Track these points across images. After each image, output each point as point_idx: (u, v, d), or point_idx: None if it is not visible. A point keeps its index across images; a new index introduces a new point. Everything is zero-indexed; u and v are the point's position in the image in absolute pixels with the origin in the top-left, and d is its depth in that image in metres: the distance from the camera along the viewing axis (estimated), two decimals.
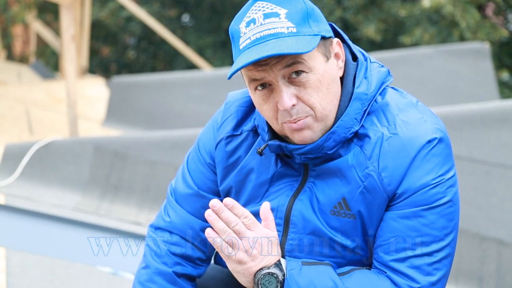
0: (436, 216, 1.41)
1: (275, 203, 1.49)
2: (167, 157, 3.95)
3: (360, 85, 1.43)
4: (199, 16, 12.06)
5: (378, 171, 1.42)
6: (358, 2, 9.61)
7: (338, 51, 1.43)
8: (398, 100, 1.47)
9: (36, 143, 3.99)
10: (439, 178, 1.41)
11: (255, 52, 1.35)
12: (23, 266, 2.80)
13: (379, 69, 1.48)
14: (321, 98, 1.39)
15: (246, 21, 1.38)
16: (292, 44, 1.35)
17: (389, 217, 1.43)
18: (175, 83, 6.59)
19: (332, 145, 1.42)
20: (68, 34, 4.88)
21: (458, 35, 8.45)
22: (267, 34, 1.36)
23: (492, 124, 3.64)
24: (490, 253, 3.43)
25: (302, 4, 1.39)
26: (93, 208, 3.82)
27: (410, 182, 1.41)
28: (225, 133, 1.54)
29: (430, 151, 1.41)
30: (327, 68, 1.40)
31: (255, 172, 1.50)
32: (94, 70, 11.93)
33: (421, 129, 1.42)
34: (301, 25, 1.37)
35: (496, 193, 3.53)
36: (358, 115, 1.42)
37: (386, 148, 1.42)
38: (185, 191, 1.58)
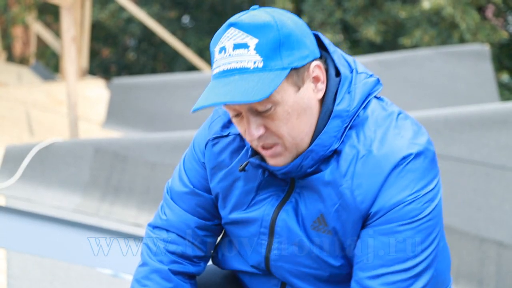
0: (412, 232, 1.39)
1: (260, 212, 1.49)
2: (167, 159, 3.96)
3: (341, 102, 1.40)
4: (199, 17, 12.07)
5: (351, 189, 1.40)
6: (358, 3, 9.62)
7: (317, 74, 1.39)
8: (378, 113, 1.44)
9: (36, 145, 4.00)
10: (415, 194, 1.39)
11: (217, 88, 1.34)
12: (23, 267, 2.81)
13: (366, 80, 1.45)
14: (289, 129, 1.38)
15: (220, 46, 1.37)
16: (252, 86, 1.32)
17: (365, 234, 1.41)
18: (175, 85, 6.60)
19: (311, 163, 1.41)
20: (68, 35, 4.88)
21: (458, 36, 8.46)
22: (233, 67, 1.34)
23: (492, 126, 3.65)
24: (490, 254, 3.43)
25: (275, 33, 1.34)
26: (93, 209, 3.82)
27: (384, 200, 1.39)
28: (212, 134, 1.55)
29: (404, 168, 1.39)
30: (297, 98, 1.37)
31: (242, 179, 1.50)
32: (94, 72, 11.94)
33: (396, 146, 1.39)
34: (270, 58, 1.34)
35: (496, 194, 3.53)
36: (338, 132, 1.40)
37: (360, 166, 1.40)
38: (181, 189, 1.59)
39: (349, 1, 9.74)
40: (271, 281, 1.55)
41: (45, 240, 3.26)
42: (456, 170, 3.59)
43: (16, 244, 3.09)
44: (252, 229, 1.50)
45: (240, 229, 1.53)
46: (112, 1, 10.80)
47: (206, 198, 1.57)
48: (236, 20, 1.37)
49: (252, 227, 1.50)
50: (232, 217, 1.53)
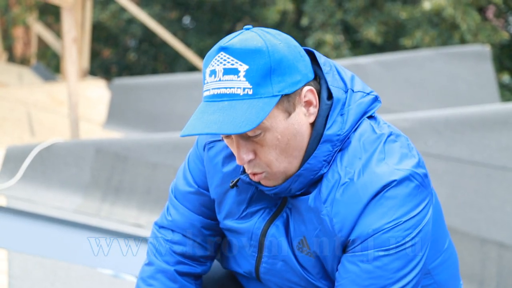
0: (390, 259, 1.37)
1: (251, 224, 1.49)
2: (168, 159, 3.96)
3: (332, 126, 1.38)
4: (200, 18, 12.07)
5: (330, 216, 1.39)
6: (359, 4, 9.62)
7: (309, 99, 1.37)
8: (367, 136, 1.41)
9: (37, 145, 4.00)
10: (394, 222, 1.36)
11: (205, 114, 1.33)
12: (24, 268, 2.81)
13: (362, 100, 1.42)
14: (278, 154, 1.37)
15: (210, 69, 1.36)
16: (241, 114, 1.31)
17: (344, 259, 1.40)
18: (176, 85, 6.60)
19: (299, 187, 1.41)
20: (69, 36, 4.88)
21: (458, 37, 8.46)
22: (223, 93, 1.33)
23: (493, 127, 3.65)
24: (491, 255, 3.43)
25: (266, 59, 1.32)
26: (94, 210, 3.83)
27: (362, 228, 1.37)
28: (209, 137, 1.55)
29: (384, 195, 1.36)
30: (287, 124, 1.36)
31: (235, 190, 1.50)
32: (95, 72, 11.94)
33: (378, 174, 1.37)
34: (260, 85, 1.32)
35: (497, 195, 3.53)
36: (328, 156, 1.39)
37: (340, 194, 1.38)
38: (185, 189, 1.59)
39: (350, 2, 9.74)
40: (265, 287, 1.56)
41: (46, 240, 3.27)
42: (457, 171, 3.59)
43: (17, 244, 3.09)
44: (243, 239, 1.51)
45: (233, 237, 1.54)
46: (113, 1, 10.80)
47: (211, 198, 1.57)
48: (226, 44, 1.35)
49: (243, 238, 1.51)
50: (225, 224, 1.53)
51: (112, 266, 3.03)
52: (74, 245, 3.25)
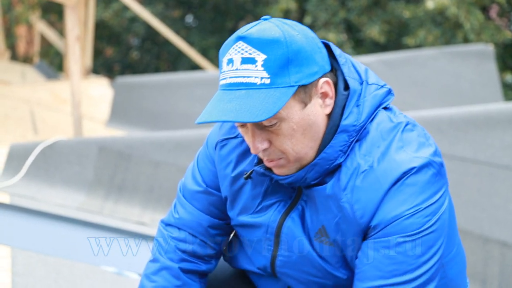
0: (412, 245, 1.38)
1: (266, 218, 1.49)
2: (171, 158, 3.96)
3: (348, 116, 1.39)
4: (203, 16, 12.07)
5: (351, 203, 1.40)
6: (362, 3, 9.61)
7: (326, 90, 1.38)
8: (384, 125, 1.42)
9: (40, 143, 4.00)
10: (414, 208, 1.37)
11: (222, 102, 1.34)
12: (27, 265, 2.81)
13: (376, 92, 1.43)
14: (294, 144, 1.38)
15: (228, 57, 1.36)
16: (257, 104, 1.31)
17: (365, 245, 1.41)
18: (179, 84, 6.60)
19: (315, 176, 1.41)
20: (72, 34, 4.89)
21: (462, 36, 8.45)
22: (240, 82, 1.34)
23: (496, 126, 3.65)
24: (494, 254, 3.43)
25: (284, 50, 1.33)
26: (97, 208, 3.83)
27: (383, 214, 1.38)
28: (221, 136, 1.55)
29: (404, 182, 1.38)
30: (303, 115, 1.36)
31: (249, 183, 1.50)
32: (98, 71, 11.95)
33: (398, 161, 1.38)
34: (278, 75, 1.33)
35: (500, 194, 3.53)
36: (343, 147, 1.40)
37: (360, 181, 1.39)
38: (194, 188, 1.59)
39: (353, 0, 9.74)
40: (278, 283, 1.56)
41: (49, 238, 3.27)
42: (461, 170, 3.59)
43: (20, 242, 3.10)
44: (258, 234, 1.51)
45: (247, 233, 1.53)
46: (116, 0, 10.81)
47: (219, 197, 1.57)
48: (245, 34, 1.35)
49: (258, 232, 1.51)
50: (240, 220, 1.53)
51: (115, 264, 3.03)
52: (77, 243, 3.25)
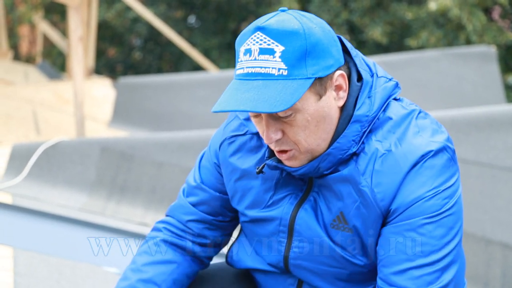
0: (433, 226, 1.41)
1: (279, 211, 1.50)
2: (174, 158, 3.96)
3: (361, 107, 1.42)
4: (205, 17, 12.08)
5: (371, 187, 1.42)
6: (364, 4, 9.61)
7: (340, 83, 1.41)
8: (397, 113, 1.46)
9: (43, 144, 4.01)
10: (434, 190, 1.41)
11: (239, 92, 1.35)
12: (30, 265, 2.82)
13: (386, 84, 1.46)
14: (307, 135, 1.39)
15: (245, 47, 1.38)
16: (275, 95, 1.33)
17: (387, 231, 1.43)
18: (181, 84, 6.61)
19: (328, 166, 1.43)
20: (76, 35, 4.89)
21: (464, 38, 8.45)
22: (257, 72, 1.35)
23: (498, 128, 3.64)
24: (496, 256, 3.43)
25: (302, 42, 1.35)
26: (99, 208, 3.83)
27: (403, 197, 1.41)
28: (228, 133, 1.56)
29: (423, 165, 1.41)
30: (318, 107, 1.38)
31: (260, 178, 1.52)
32: (100, 71, 11.96)
33: (415, 144, 1.42)
34: (295, 66, 1.35)
35: (503, 196, 3.53)
36: (356, 137, 1.42)
37: (379, 164, 1.42)
38: (191, 184, 1.64)
39: (356, 2, 9.74)
40: (287, 280, 1.56)
41: (51, 238, 3.27)
42: (463, 172, 3.59)
43: (22, 242, 3.10)
44: (271, 227, 1.52)
45: (259, 228, 1.54)
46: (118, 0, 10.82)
47: (212, 195, 1.60)
48: (263, 24, 1.37)
49: (270, 226, 1.52)
50: (251, 215, 1.54)
51: (117, 265, 3.03)
52: (79, 243, 3.25)
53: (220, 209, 1.62)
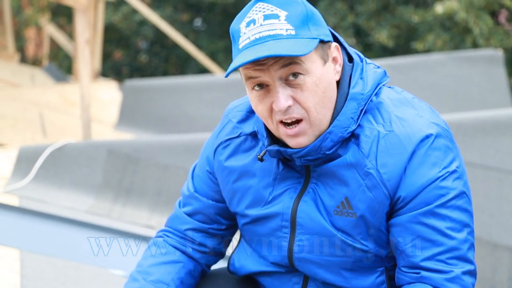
0: (450, 210, 1.42)
1: (279, 206, 1.51)
2: (179, 161, 3.97)
3: (355, 86, 1.45)
4: (212, 20, 12.09)
5: (376, 168, 1.43)
6: (370, 7, 9.61)
7: (336, 55, 1.44)
8: (392, 97, 1.48)
9: (50, 146, 4.02)
10: (443, 171, 1.42)
11: (253, 52, 1.36)
12: (36, 268, 2.82)
13: (375, 69, 1.50)
14: (316, 102, 1.41)
15: (247, 21, 1.40)
16: (289, 46, 1.36)
17: (404, 220, 1.44)
18: (187, 87, 6.62)
19: (330, 145, 1.43)
20: (82, 38, 4.91)
21: (471, 41, 8.44)
22: (266, 35, 1.37)
23: (505, 131, 3.64)
24: (503, 261, 3.42)
25: (303, 7, 1.40)
26: (105, 211, 3.84)
27: (415, 179, 1.42)
28: (223, 138, 1.57)
29: (430, 146, 1.42)
30: (324, 72, 1.41)
31: (257, 176, 1.52)
32: (107, 74, 11.98)
33: (417, 125, 1.44)
34: (300, 28, 1.39)
35: (509, 200, 3.52)
36: (354, 114, 1.43)
37: (383, 145, 1.43)
38: (185, 193, 1.65)
39: (362, 5, 9.74)
40: (292, 280, 1.56)
41: (57, 240, 3.28)
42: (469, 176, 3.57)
43: (29, 244, 3.11)
44: (273, 224, 1.52)
45: (260, 227, 1.54)
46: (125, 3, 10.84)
47: (205, 203, 1.62)
48: None
49: (273, 223, 1.52)
50: (252, 215, 1.54)
51: (123, 267, 3.04)
52: (85, 246, 3.26)
53: (215, 217, 1.62)
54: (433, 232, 1.42)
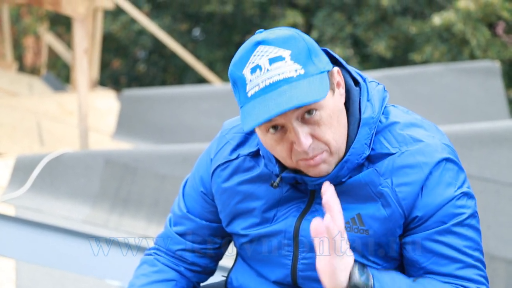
0: (466, 229, 1.43)
1: (282, 225, 1.50)
2: (177, 171, 3.96)
3: (366, 110, 1.44)
4: (210, 30, 12.11)
5: (392, 187, 1.43)
6: (368, 18, 9.64)
7: (338, 80, 1.43)
8: (402, 117, 1.48)
9: (47, 155, 4.01)
10: (458, 190, 1.43)
11: (269, 101, 1.33)
12: (32, 278, 2.81)
13: (377, 88, 1.49)
14: (334, 133, 1.40)
15: (251, 67, 1.36)
16: (306, 90, 1.33)
17: (421, 238, 1.44)
18: (185, 97, 6.62)
19: (346, 173, 1.43)
20: (81, 47, 4.91)
21: (468, 53, 8.45)
22: (277, 80, 1.34)
23: (502, 143, 3.64)
24: (499, 272, 3.41)
25: (303, 43, 1.37)
26: (102, 221, 3.83)
27: (432, 199, 1.42)
28: (221, 160, 1.55)
29: (444, 167, 1.43)
30: (335, 101, 1.40)
31: (261, 198, 1.51)
32: (105, 83, 11.99)
33: (432, 146, 1.44)
34: (307, 64, 1.36)
35: (506, 212, 3.52)
36: (367, 139, 1.43)
37: (399, 165, 1.43)
38: (177, 213, 1.63)
39: (360, 16, 9.76)
40: None
41: (54, 250, 3.27)
42: None
43: (25, 254, 3.10)
44: (275, 242, 1.51)
45: (261, 246, 1.53)
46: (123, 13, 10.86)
47: (199, 224, 1.60)
48: (262, 38, 1.37)
49: (274, 241, 1.51)
50: (253, 234, 1.53)
51: (120, 278, 3.03)
52: (82, 256, 3.25)
53: (208, 237, 1.61)
54: (451, 250, 1.43)
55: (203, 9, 11.12)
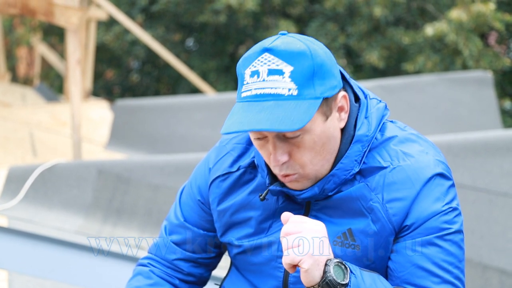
0: (449, 244, 1.42)
1: (276, 236, 1.50)
2: (170, 181, 3.96)
3: (361, 127, 1.44)
4: (203, 40, 12.12)
5: (382, 203, 1.43)
6: (361, 29, 9.66)
7: (343, 104, 1.42)
8: (397, 133, 1.48)
9: (39, 166, 4.00)
10: (447, 206, 1.43)
11: (250, 112, 1.34)
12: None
13: (378, 105, 1.49)
14: (313, 157, 1.39)
15: (252, 70, 1.37)
16: (288, 114, 1.32)
17: (403, 247, 1.43)
18: (179, 107, 6.62)
19: (332, 187, 1.43)
20: (74, 58, 4.91)
21: (460, 63, 8.48)
22: (267, 93, 1.34)
23: (495, 153, 3.65)
24: (493, 282, 3.41)
25: (310, 62, 1.36)
26: (95, 231, 3.82)
27: (419, 211, 1.42)
28: (221, 171, 1.55)
29: (436, 183, 1.43)
30: (325, 128, 1.39)
31: (257, 209, 1.51)
32: (98, 93, 11.98)
33: (424, 162, 1.44)
34: (304, 86, 1.35)
35: (499, 222, 3.52)
36: (358, 156, 1.43)
37: (390, 180, 1.43)
38: (173, 222, 1.62)
39: (353, 26, 9.79)
40: None
41: (47, 261, 3.26)
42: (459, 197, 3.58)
43: (18, 265, 3.08)
44: (268, 254, 1.51)
45: (254, 257, 1.53)
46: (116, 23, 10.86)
47: (196, 233, 1.60)
48: (271, 46, 1.37)
49: (267, 252, 1.51)
50: (247, 245, 1.53)
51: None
52: (75, 267, 3.24)
53: (205, 247, 1.61)
54: (430, 263, 1.41)
55: (197, 20, 11.14)
